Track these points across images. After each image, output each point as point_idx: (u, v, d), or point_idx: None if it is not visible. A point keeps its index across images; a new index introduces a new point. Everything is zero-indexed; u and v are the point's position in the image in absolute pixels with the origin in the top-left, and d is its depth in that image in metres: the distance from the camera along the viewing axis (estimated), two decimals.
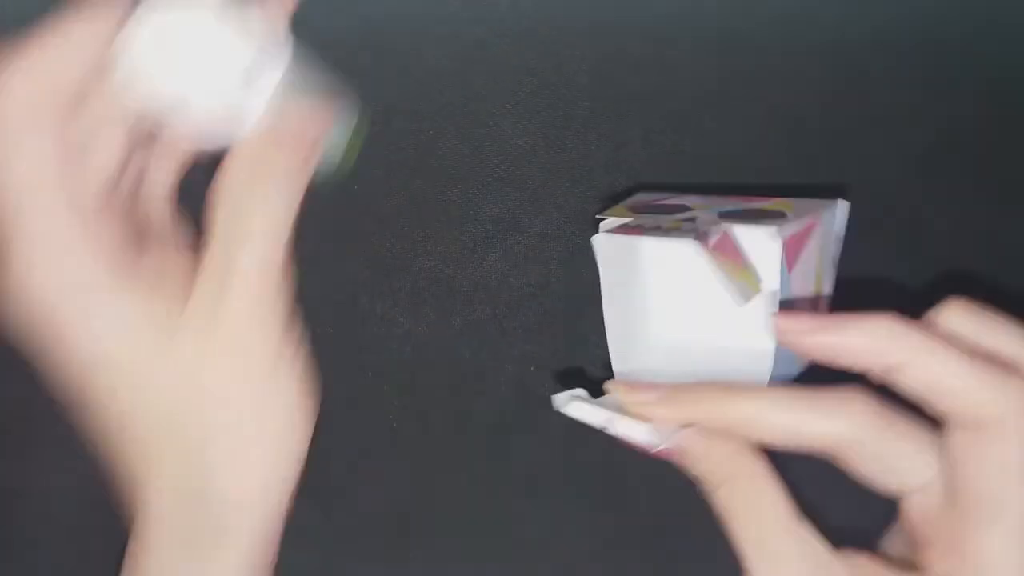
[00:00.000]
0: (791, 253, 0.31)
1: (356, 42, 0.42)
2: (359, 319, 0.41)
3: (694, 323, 0.36)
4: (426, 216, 0.41)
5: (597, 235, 0.34)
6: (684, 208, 0.34)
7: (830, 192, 0.37)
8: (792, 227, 0.31)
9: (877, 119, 0.41)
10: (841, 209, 0.35)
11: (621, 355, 0.35)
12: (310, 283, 0.41)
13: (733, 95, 0.41)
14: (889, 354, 0.27)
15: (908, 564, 0.29)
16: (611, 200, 0.40)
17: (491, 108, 0.41)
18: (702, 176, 0.40)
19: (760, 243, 0.31)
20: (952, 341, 0.27)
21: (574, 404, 0.31)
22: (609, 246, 0.34)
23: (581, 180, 0.41)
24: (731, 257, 0.31)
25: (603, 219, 0.35)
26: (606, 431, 0.31)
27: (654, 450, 0.30)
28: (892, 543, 0.33)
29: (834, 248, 0.35)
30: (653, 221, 0.33)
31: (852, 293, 0.36)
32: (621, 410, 0.31)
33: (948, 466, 0.27)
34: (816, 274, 0.33)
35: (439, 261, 0.41)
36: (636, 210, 0.35)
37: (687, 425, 0.29)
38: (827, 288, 0.35)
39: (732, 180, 0.40)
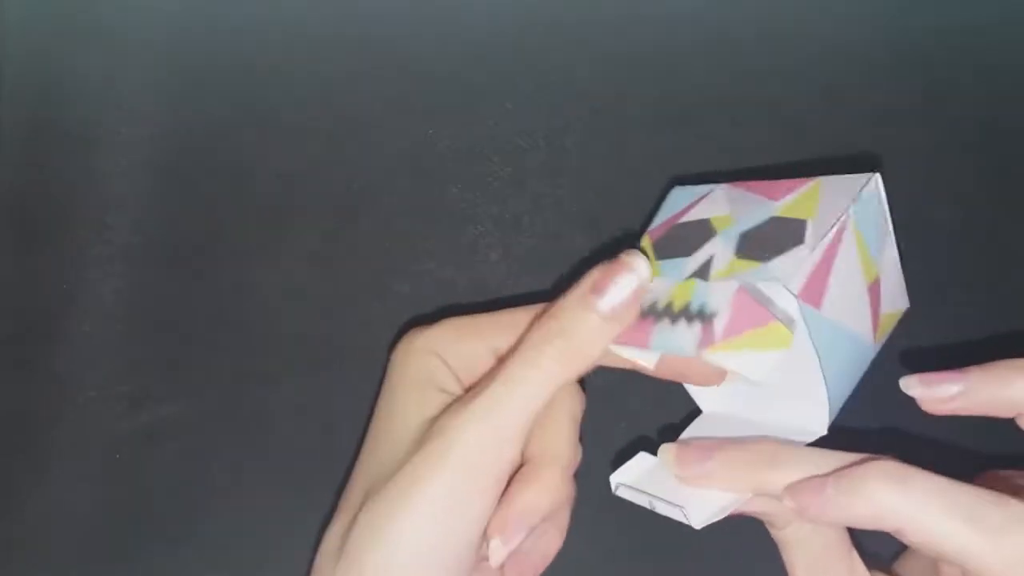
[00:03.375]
0: (816, 284, 0.28)
1: (357, 41, 0.42)
2: (359, 319, 0.41)
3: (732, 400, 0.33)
4: (426, 216, 0.41)
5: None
6: (705, 229, 0.31)
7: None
8: (810, 258, 0.28)
9: (879, 120, 0.40)
10: (875, 185, 0.30)
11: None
12: (310, 283, 0.41)
13: (734, 95, 0.41)
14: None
15: None
16: (611, 198, 0.40)
17: (491, 108, 0.41)
18: (702, 175, 0.40)
19: (777, 294, 0.28)
20: None
21: (622, 490, 0.31)
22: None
23: (581, 180, 0.41)
24: (752, 321, 0.28)
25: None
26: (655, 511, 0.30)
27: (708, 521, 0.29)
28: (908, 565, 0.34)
29: (881, 225, 0.31)
30: (665, 298, 0.30)
31: None
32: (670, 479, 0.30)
33: None
34: (862, 267, 0.30)
35: (439, 261, 0.41)
36: (660, 243, 0.32)
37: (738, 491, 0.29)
38: (884, 271, 0.32)
39: (731, 181, 0.40)
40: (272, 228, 0.41)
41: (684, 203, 0.33)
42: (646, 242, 0.32)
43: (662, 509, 0.30)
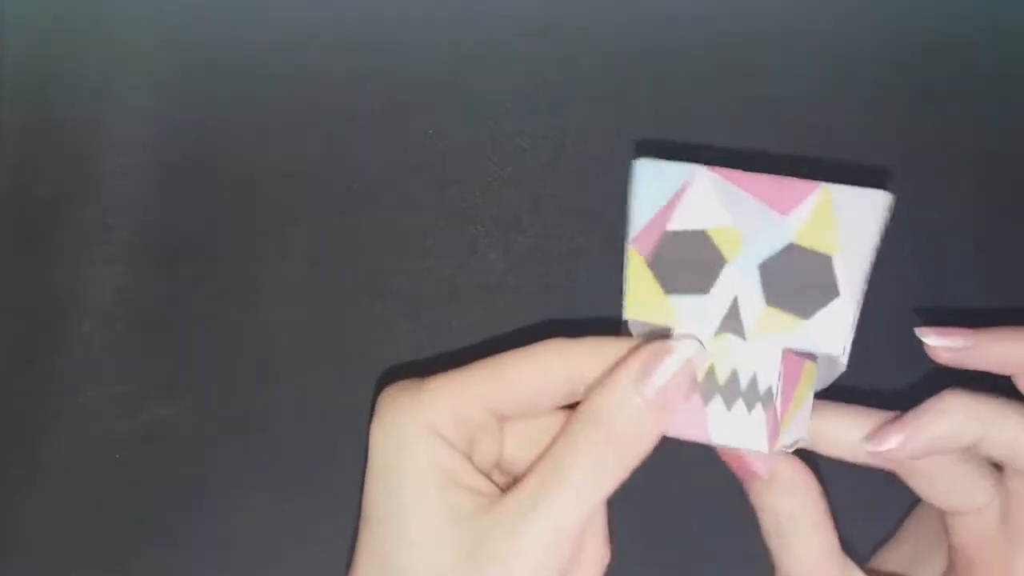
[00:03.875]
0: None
1: (356, 41, 0.42)
2: (359, 319, 0.41)
3: None
4: (426, 216, 0.41)
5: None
6: (709, 250, 0.28)
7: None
8: (853, 316, 0.27)
9: (879, 120, 0.41)
10: (887, 204, 0.29)
11: None
12: (310, 283, 0.41)
13: (734, 95, 0.41)
14: (967, 436, 0.28)
15: None
16: (611, 200, 0.40)
17: (491, 108, 0.41)
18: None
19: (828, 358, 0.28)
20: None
21: None
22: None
23: (581, 180, 0.41)
24: (795, 376, 0.28)
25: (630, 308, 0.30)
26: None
27: (758, 465, 0.28)
28: (891, 556, 0.34)
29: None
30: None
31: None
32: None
33: (1008, 504, 0.29)
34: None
35: (439, 261, 0.41)
36: (657, 265, 0.29)
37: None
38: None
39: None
40: (272, 228, 0.41)
41: (662, 193, 0.29)
42: (636, 259, 0.29)
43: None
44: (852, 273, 0.27)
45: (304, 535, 0.39)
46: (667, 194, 0.29)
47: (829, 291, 0.27)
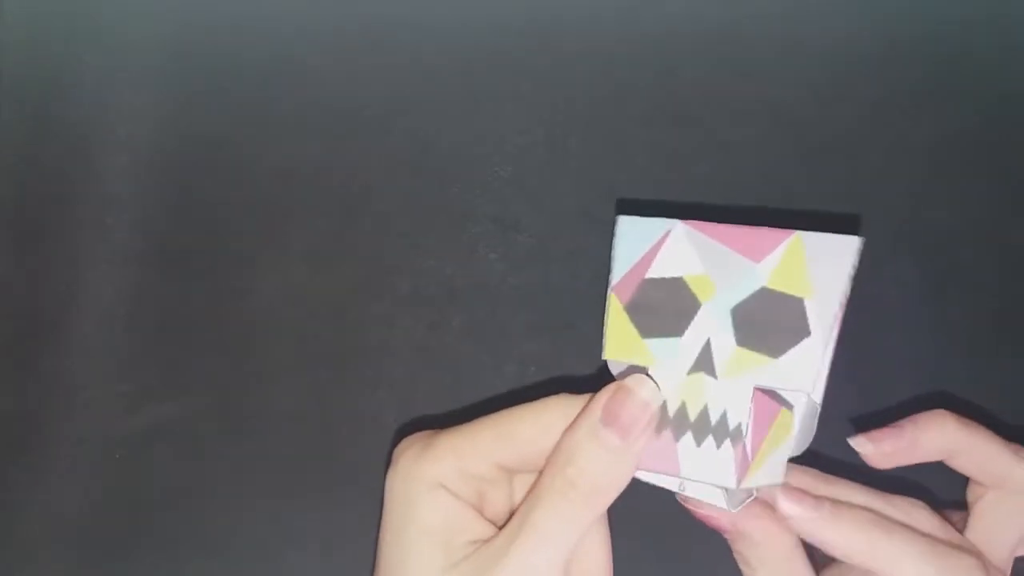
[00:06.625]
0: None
1: (356, 42, 0.42)
2: (359, 319, 0.41)
3: None
4: (426, 216, 0.41)
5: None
6: (685, 296, 0.29)
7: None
8: (825, 358, 0.28)
9: (879, 120, 0.41)
10: (858, 248, 0.29)
11: None
12: (310, 283, 0.41)
13: (734, 95, 0.41)
14: (946, 448, 0.31)
15: None
16: (611, 197, 0.40)
17: (491, 108, 0.41)
18: (702, 175, 0.40)
19: (798, 399, 0.29)
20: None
21: (640, 474, 0.29)
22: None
23: (581, 180, 0.41)
24: (767, 420, 0.28)
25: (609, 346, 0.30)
26: (680, 493, 0.29)
27: (722, 520, 0.29)
28: None
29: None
30: (675, 398, 0.29)
31: (862, 296, 0.36)
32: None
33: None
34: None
35: (439, 261, 0.41)
36: (635, 310, 0.30)
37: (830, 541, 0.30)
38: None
39: (732, 181, 0.40)
40: (272, 228, 0.41)
41: (642, 245, 0.30)
42: (616, 304, 0.30)
43: (694, 491, 0.29)
44: (823, 314, 0.27)
45: (304, 535, 0.39)
46: (646, 246, 0.30)
47: (800, 331, 0.27)
